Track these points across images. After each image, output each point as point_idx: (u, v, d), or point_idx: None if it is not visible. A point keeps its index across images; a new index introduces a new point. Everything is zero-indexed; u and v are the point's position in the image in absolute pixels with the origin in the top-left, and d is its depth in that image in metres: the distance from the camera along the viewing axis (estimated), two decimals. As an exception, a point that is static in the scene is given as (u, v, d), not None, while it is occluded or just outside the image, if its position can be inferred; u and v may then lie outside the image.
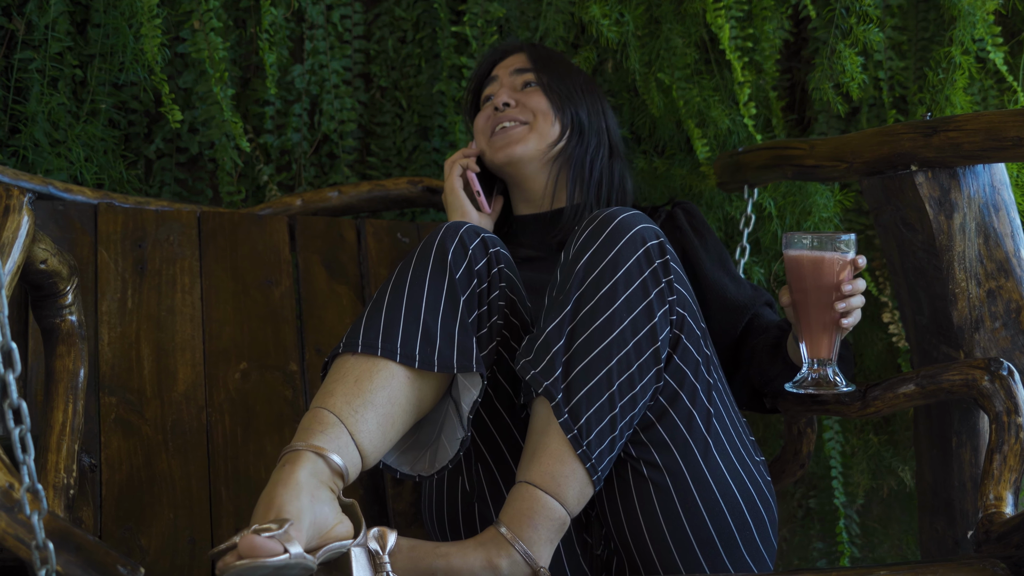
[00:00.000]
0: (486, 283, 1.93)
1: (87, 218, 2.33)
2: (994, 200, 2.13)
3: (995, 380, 1.94)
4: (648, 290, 1.86)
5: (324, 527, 1.68)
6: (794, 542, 2.98)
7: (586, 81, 2.40)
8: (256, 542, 1.56)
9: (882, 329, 2.78)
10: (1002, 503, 1.85)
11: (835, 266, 1.92)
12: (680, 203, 2.35)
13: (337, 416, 1.77)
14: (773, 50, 2.73)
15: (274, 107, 2.72)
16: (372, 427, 1.79)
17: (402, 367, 1.82)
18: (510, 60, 2.41)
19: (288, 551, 1.57)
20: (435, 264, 1.89)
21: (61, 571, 1.47)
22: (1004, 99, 2.69)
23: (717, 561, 1.91)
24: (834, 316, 1.92)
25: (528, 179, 2.34)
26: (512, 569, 1.76)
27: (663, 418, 1.88)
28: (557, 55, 2.43)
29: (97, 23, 2.57)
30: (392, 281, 1.89)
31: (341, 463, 1.73)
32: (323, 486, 1.70)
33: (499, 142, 2.32)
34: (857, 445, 2.85)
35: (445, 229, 1.92)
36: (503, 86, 2.37)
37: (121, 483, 2.14)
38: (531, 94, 2.34)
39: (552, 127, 2.32)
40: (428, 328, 1.84)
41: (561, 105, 2.32)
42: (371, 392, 1.80)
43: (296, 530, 1.61)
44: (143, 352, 2.26)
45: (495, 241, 1.96)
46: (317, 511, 1.67)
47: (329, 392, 1.80)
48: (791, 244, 1.95)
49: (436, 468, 1.92)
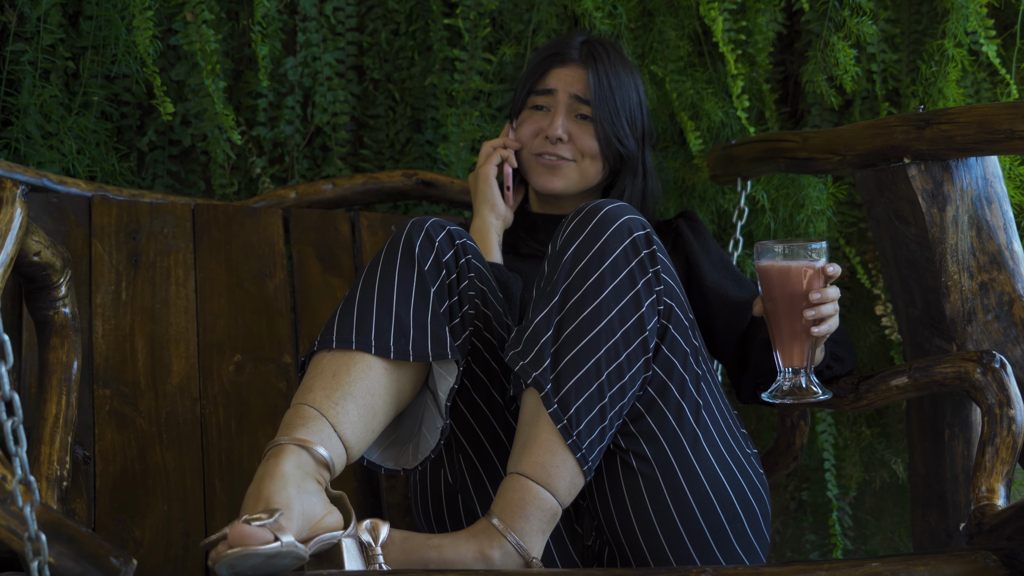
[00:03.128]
0: (455, 274, 1.94)
1: (81, 210, 2.33)
2: (987, 193, 2.13)
3: (987, 373, 1.94)
4: (635, 280, 1.87)
5: (313, 518, 1.68)
6: (787, 534, 2.99)
7: (635, 95, 2.33)
8: (246, 531, 1.56)
9: (875, 321, 2.78)
10: (994, 495, 1.85)
11: (802, 275, 1.91)
12: (682, 213, 2.36)
13: (318, 410, 1.78)
14: (766, 43, 2.73)
15: (267, 99, 2.71)
16: (354, 419, 1.80)
17: (378, 359, 1.83)
18: (571, 74, 2.31)
19: (279, 539, 1.57)
20: (403, 258, 1.90)
21: (54, 562, 1.47)
22: (997, 92, 2.69)
23: (708, 554, 1.91)
24: (804, 324, 1.92)
25: (557, 199, 2.35)
26: (504, 560, 1.76)
27: (652, 409, 1.89)
28: (616, 71, 2.31)
29: (89, 15, 2.57)
30: (362, 278, 1.91)
31: (326, 454, 1.74)
32: (309, 477, 1.71)
33: (543, 171, 2.30)
34: (850, 437, 2.86)
35: (411, 224, 1.94)
36: (560, 109, 2.29)
37: (115, 475, 2.14)
38: (584, 131, 2.29)
39: (597, 169, 2.30)
40: (401, 320, 1.85)
41: (608, 145, 2.28)
42: (350, 384, 1.81)
43: (287, 519, 1.62)
44: (137, 344, 2.26)
45: (461, 233, 1.97)
46: (305, 502, 1.67)
47: (308, 388, 1.82)
48: (761, 254, 1.95)
49: (419, 460, 1.94)
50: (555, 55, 2.33)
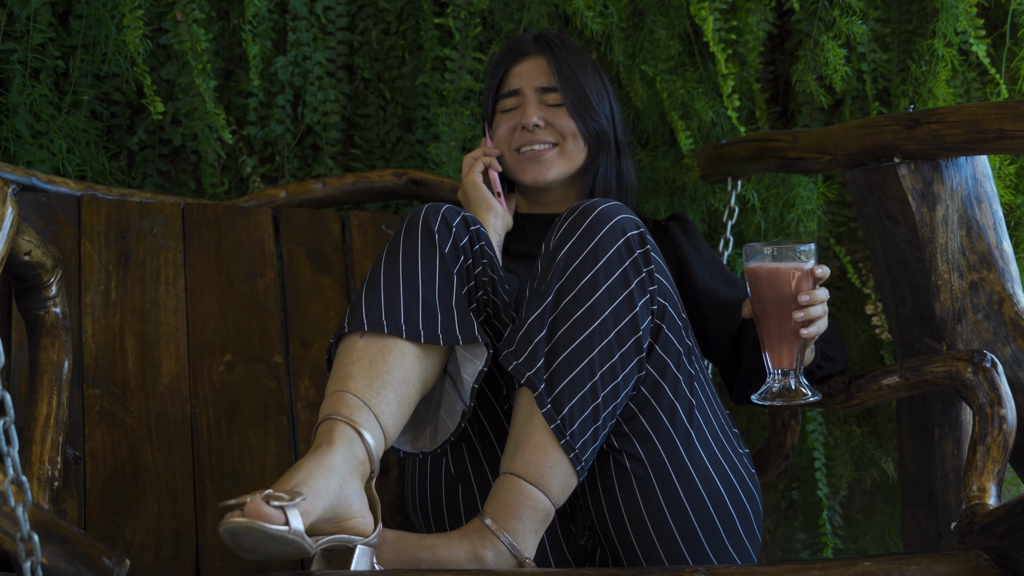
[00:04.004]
0: (471, 259, 1.94)
1: (71, 210, 2.32)
2: (976, 192, 2.13)
3: (978, 372, 1.95)
4: (629, 280, 1.87)
5: (344, 515, 1.67)
6: (777, 533, 2.99)
7: (596, 76, 2.36)
8: (262, 508, 1.55)
9: (865, 321, 2.78)
10: (985, 494, 1.86)
11: (791, 276, 1.92)
12: (673, 215, 2.37)
13: (360, 399, 1.77)
14: (757, 42, 2.73)
15: (257, 99, 2.71)
16: (393, 408, 1.79)
17: (410, 344, 1.82)
18: (531, 66, 2.34)
19: (289, 524, 1.56)
20: (424, 240, 1.90)
21: (46, 563, 1.47)
22: (987, 91, 2.69)
23: (700, 553, 1.92)
24: (793, 326, 1.92)
25: (548, 192, 2.35)
26: (497, 560, 1.76)
27: (645, 409, 1.89)
28: (573, 55, 2.35)
29: (79, 14, 2.56)
30: (384, 259, 1.89)
31: (374, 446, 1.73)
32: (355, 472, 1.70)
33: (529, 165, 2.31)
34: (840, 437, 2.86)
35: (427, 208, 1.93)
36: (529, 102, 2.32)
37: (105, 475, 2.14)
38: (559, 114, 2.30)
39: (580, 149, 2.31)
40: (428, 303, 1.85)
41: (585, 123, 2.30)
42: (388, 373, 1.80)
43: (309, 506, 1.60)
44: (127, 344, 2.25)
45: (474, 220, 1.97)
46: (344, 496, 1.66)
47: (348, 375, 1.80)
48: (749, 256, 1.95)
49: (438, 443, 1.93)
50: (510, 53, 2.36)
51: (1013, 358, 2.10)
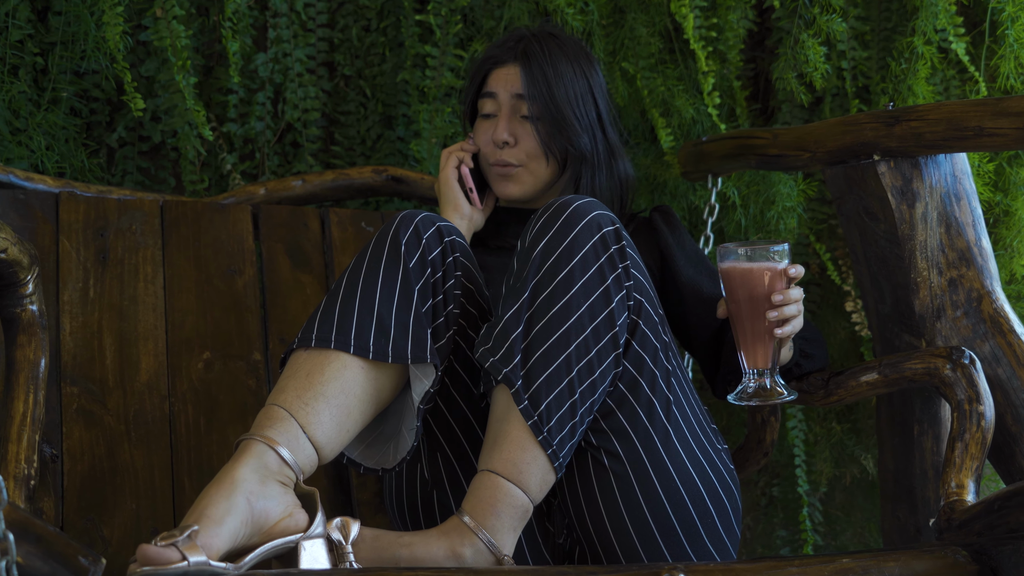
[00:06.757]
0: (441, 272, 1.92)
1: (48, 207, 2.31)
2: (955, 190, 2.14)
3: (957, 368, 1.96)
4: (605, 276, 1.86)
5: (266, 523, 1.67)
6: (757, 530, 2.99)
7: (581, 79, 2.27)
8: (150, 552, 1.55)
9: (844, 318, 2.79)
10: (964, 491, 1.86)
11: (764, 276, 1.91)
12: (657, 207, 2.35)
13: (287, 411, 1.77)
14: (737, 40, 2.73)
15: (237, 95, 2.70)
16: (325, 419, 1.79)
17: (356, 358, 1.82)
18: (508, 73, 2.27)
19: (187, 559, 1.55)
20: (389, 254, 1.89)
21: (22, 562, 1.46)
22: (966, 89, 2.70)
23: (679, 550, 1.91)
24: (767, 326, 1.92)
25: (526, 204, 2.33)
26: (476, 558, 1.76)
27: (623, 405, 1.88)
28: (555, 61, 2.25)
29: (58, 11, 2.55)
30: (347, 274, 1.89)
31: (289, 457, 1.73)
32: (271, 479, 1.70)
33: (498, 180, 2.29)
34: (820, 433, 2.86)
35: (400, 219, 1.92)
36: (503, 112, 2.27)
37: (83, 473, 2.13)
38: (526, 132, 2.25)
39: (545, 167, 2.27)
40: (382, 319, 1.84)
41: (550, 143, 2.23)
42: (322, 384, 1.80)
43: (211, 535, 1.60)
44: (105, 342, 2.24)
45: (451, 230, 1.95)
46: (256, 508, 1.66)
47: (281, 388, 1.81)
48: (723, 256, 1.95)
49: (397, 460, 1.93)
50: (491, 57, 2.31)
51: (992, 355, 2.10)
